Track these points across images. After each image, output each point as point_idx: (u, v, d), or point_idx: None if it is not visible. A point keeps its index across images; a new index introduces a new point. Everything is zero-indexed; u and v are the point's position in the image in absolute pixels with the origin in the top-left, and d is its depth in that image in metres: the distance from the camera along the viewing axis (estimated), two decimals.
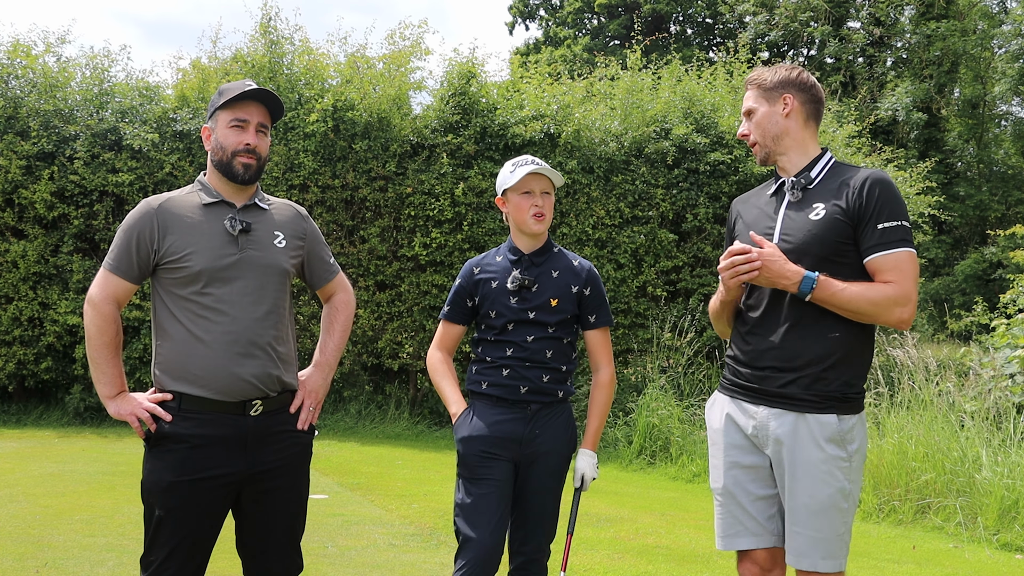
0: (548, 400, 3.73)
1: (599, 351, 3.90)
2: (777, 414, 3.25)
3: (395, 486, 8.53)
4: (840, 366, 3.20)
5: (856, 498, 3.24)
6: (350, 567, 5.82)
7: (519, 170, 3.75)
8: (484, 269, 3.84)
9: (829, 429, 3.18)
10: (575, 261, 3.86)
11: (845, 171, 3.31)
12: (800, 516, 3.21)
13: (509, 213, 3.84)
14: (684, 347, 11.83)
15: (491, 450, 3.66)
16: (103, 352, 3.37)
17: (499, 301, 3.74)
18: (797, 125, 3.39)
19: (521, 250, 3.82)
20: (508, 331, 3.72)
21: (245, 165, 3.40)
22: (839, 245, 3.19)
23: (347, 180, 12.15)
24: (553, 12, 37.48)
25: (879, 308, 3.12)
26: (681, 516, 7.80)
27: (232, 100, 3.40)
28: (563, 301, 3.75)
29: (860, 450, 3.23)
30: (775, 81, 3.41)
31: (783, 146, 3.39)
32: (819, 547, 3.18)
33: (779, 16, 26.48)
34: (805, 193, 3.32)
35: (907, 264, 3.15)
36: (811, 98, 3.42)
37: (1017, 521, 7.15)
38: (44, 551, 5.94)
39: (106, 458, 9.45)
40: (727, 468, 3.41)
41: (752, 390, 3.34)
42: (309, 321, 11.74)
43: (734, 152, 12.68)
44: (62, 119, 12.13)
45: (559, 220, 12.37)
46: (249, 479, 3.36)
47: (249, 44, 12.98)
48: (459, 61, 12.80)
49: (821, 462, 3.17)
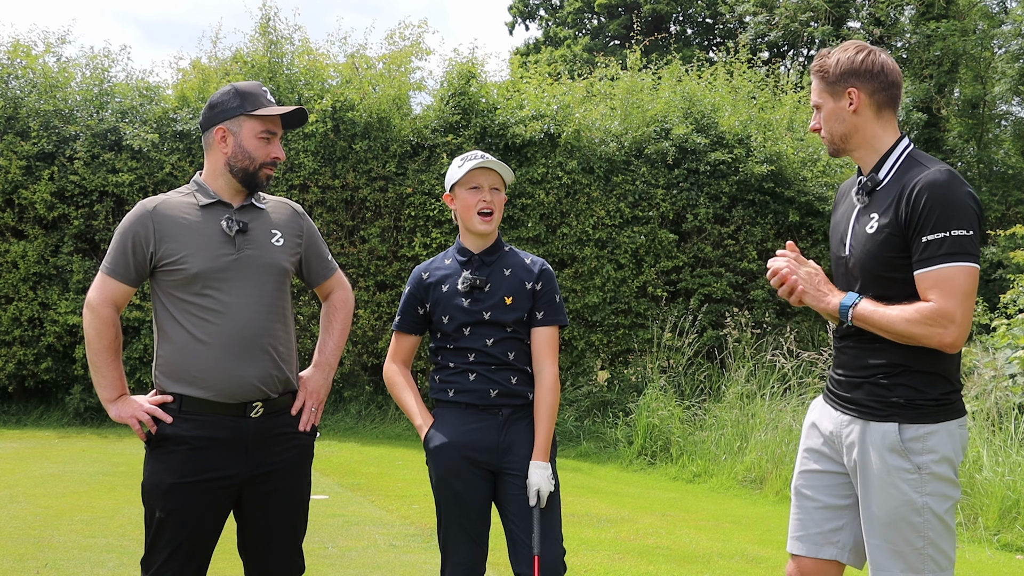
0: (519, 403, 3.55)
1: (542, 350, 3.59)
2: (848, 420, 3.11)
3: (395, 487, 8.52)
4: (905, 373, 2.99)
5: (935, 513, 2.98)
6: (350, 568, 5.81)
7: (466, 164, 3.59)
8: (432, 273, 3.69)
9: (890, 438, 2.98)
10: (527, 259, 3.69)
11: (911, 170, 3.01)
12: (872, 527, 3.04)
13: (456, 211, 3.68)
14: (684, 347, 11.82)
15: (465, 464, 3.49)
16: (103, 356, 3.36)
17: (451, 304, 3.58)
18: (867, 120, 3.09)
19: (470, 250, 3.67)
20: (465, 336, 3.54)
21: (268, 176, 3.45)
22: (893, 260, 2.97)
23: (347, 180, 12.15)
24: (553, 12, 37.44)
25: (917, 331, 2.88)
26: (682, 517, 7.80)
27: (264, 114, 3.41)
28: (518, 298, 3.57)
29: (938, 462, 2.97)
30: (837, 73, 3.09)
31: (852, 143, 3.12)
32: (898, 560, 2.99)
33: (779, 16, 26.45)
34: (871, 197, 3.08)
35: (950, 280, 2.87)
36: (882, 85, 3.08)
37: (1018, 521, 7.14)
38: (44, 552, 5.94)
39: (106, 459, 9.45)
40: (799, 470, 3.29)
41: (833, 395, 3.21)
42: (309, 321, 11.73)
43: (734, 152, 12.67)
44: (62, 119, 12.13)
45: (559, 220, 12.37)
46: (250, 481, 3.36)
47: (249, 44, 12.99)
48: (459, 61, 12.80)
49: (885, 472, 2.99)
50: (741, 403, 10.24)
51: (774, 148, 12.79)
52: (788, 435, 9.16)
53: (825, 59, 3.13)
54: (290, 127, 3.56)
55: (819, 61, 3.15)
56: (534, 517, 3.47)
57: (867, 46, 3.12)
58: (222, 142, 3.42)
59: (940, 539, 2.99)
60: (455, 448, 3.51)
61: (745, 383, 10.51)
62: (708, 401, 10.83)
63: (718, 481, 9.29)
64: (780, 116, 13.62)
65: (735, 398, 10.35)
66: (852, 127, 3.10)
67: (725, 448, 9.73)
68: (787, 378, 10.33)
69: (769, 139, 13.00)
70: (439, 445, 3.54)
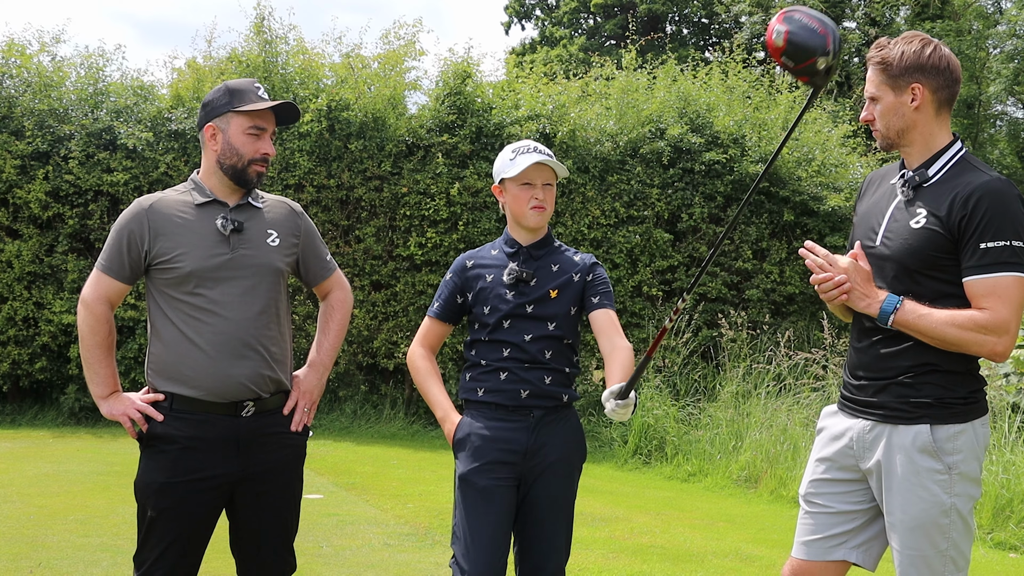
0: (552, 405, 3.42)
1: (608, 328, 3.47)
2: (870, 426, 3.05)
3: (390, 486, 8.53)
4: (934, 372, 2.95)
5: (961, 514, 2.96)
6: (345, 567, 5.82)
7: (520, 159, 3.44)
8: (478, 263, 3.55)
9: (922, 439, 2.93)
10: (576, 256, 3.57)
11: (965, 173, 2.96)
12: (897, 532, 2.99)
13: (506, 204, 3.54)
14: (680, 347, 11.83)
15: (493, 467, 3.36)
16: (95, 352, 3.36)
17: (494, 295, 3.44)
18: (927, 117, 3.01)
19: (519, 242, 3.53)
20: (504, 328, 3.41)
21: (259, 173, 3.40)
22: (935, 259, 2.92)
23: (342, 180, 12.14)
24: (549, 12, 37.46)
25: (966, 337, 2.84)
26: (676, 516, 7.81)
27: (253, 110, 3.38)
28: (564, 291, 3.45)
29: (966, 461, 2.95)
30: (903, 66, 2.97)
31: (908, 139, 3.04)
32: (919, 565, 2.95)
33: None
34: (917, 192, 3.01)
35: (1008, 290, 2.83)
36: (946, 82, 3.00)
37: (1011, 520, 7.16)
38: (38, 551, 5.93)
39: (101, 458, 9.44)
40: (810, 478, 3.24)
41: (850, 400, 3.15)
42: (304, 321, 11.73)
43: (729, 152, 12.69)
44: (57, 119, 12.10)
45: (555, 220, 12.37)
46: (242, 480, 3.36)
47: (244, 44, 12.97)
48: (454, 61, 12.80)
49: (913, 475, 2.93)
50: (736, 402, 10.26)
51: (769, 148, 12.81)
52: (783, 434, 9.18)
53: (887, 50, 3.02)
54: (284, 123, 3.53)
55: (880, 52, 3.03)
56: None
57: (931, 39, 3.02)
58: (212, 140, 3.41)
59: (962, 540, 2.98)
60: (482, 451, 3.38)
61: (740, 382, 10.53)
62: (703, 400, 10.84)
63: (713, 480, 9.30)
64: (775, 116, 13.63)
65: (730, 397, 10.37)
66: (911, 123, 3.01)
67: (720, 447, 9.74)
68: (782, 377, 10.35)
69: (764, 139, 13.02)
70: (466, 449, 3.41)
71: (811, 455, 3.30)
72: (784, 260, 12.91)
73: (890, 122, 3.03)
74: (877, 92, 3.03)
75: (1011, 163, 27.49)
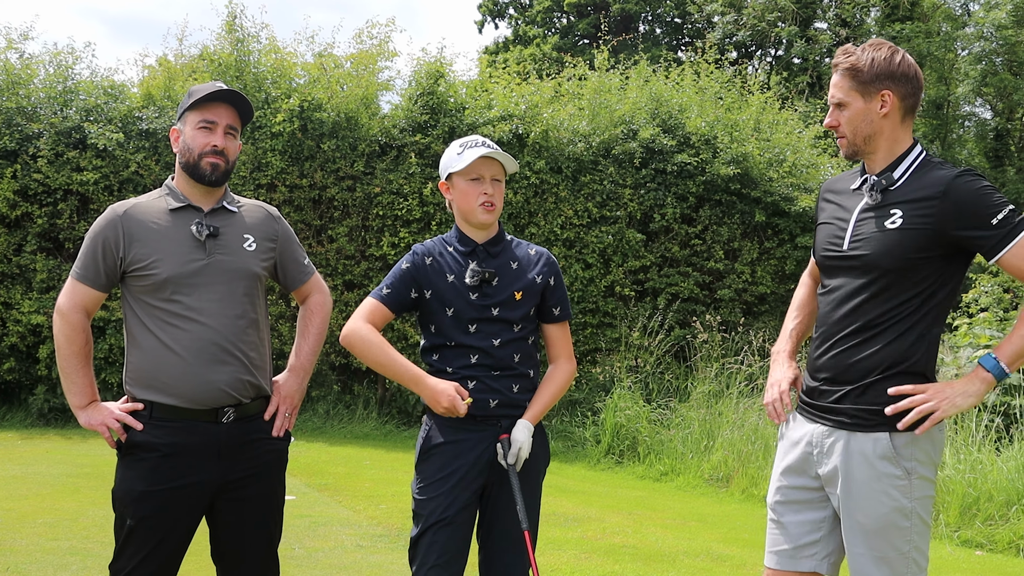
0: (519, 414, 3.33)
1: (560, 343, 3.47)
2: (828, 432, 3.06)
3: (363, 486, 8.51)
4: (892, 378, 2.96)
5: (921, 516, 3.00)
6: (317, 568, 5.80)
7: (468, 152, 3.31)
8: (436, 260, 3.38)
9: (881, 446, 2.96)
10: (531, 250, 3.47)
11: (931, 171, 2.98)
12: (856, 536, 3.02)
13: (453, 200, 3.40)
14: (653, 347, 11.89)
15: (457, 480, 3.26)
16: (72, 362, 3.33)
17: (458, 298, 3.31)
18: (893, 124, 3.02)
19: (474, 240, 3.39)
20: (470, 333, 3.30)
21: (213, 165, 3.33)
22: (913, 260, 2.92)
23: (315, 180, 12.10)
24: (522, 11, 37.45)
25: None
26: (648, 515, 7.85)
27: (200, 101, 3.35)
28: (527, 294, 3.36)
29: (924, 465, 2.98)
30: (874, 73, 2.97)
31: (873, 146, 3.04)
32: (883, 566, 2.98)
33: (747, 16, 26.62)
34: (884, 195, 3.01)
35: None
36: (913, 90, 3.01)
37: (978, 518, 7.25)
38: (6, 555, 5.87)
39: (70, 460, 9.35)
40: (776, 486, 3.26)
41: (809, 405, 3.15)
42: (276, 321, 11.68)
43: (700, 155, 12.77)
44: (25, 117, 11.97)
45: (527, 220, 12.39)
46: (223, 487, 3.33)
47: (216, 42, 12.89)
48: (427, 61, 12.79)
49: (875, 480, 2.96)
50: (708, 402, 10.32)
51: (740, 149, 12.89)
52: (754, 434, 9.24)
53: (857, 56, 3.00)
54: (245, 119, 3.46)
55: (849, 58, 3.01)
56: (514, 487, 3.24)
57: (896, 47, 3.02)
58: (176, 143, 3.41)
59: (922, 541, 3.02)
60: (446, 462, 3.29)
61: (712, 382, 10.59)
62: (675, 400, 10.90)
63: (685, 480, 9.36)
64: (747, 117, 13.72)
65: (702, 397, 10.43)
66: (878, 129, 3.01)
67: (692, 447, 9.80)
68: (754, 377, 10.42)
69: (736, 140, 13.10)
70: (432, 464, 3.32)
71: (775, 461, 3.33)
72: (756, 260, 13.00)
73: (858, 128, 3.02)
74: (845, 98, 3.02)
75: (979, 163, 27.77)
